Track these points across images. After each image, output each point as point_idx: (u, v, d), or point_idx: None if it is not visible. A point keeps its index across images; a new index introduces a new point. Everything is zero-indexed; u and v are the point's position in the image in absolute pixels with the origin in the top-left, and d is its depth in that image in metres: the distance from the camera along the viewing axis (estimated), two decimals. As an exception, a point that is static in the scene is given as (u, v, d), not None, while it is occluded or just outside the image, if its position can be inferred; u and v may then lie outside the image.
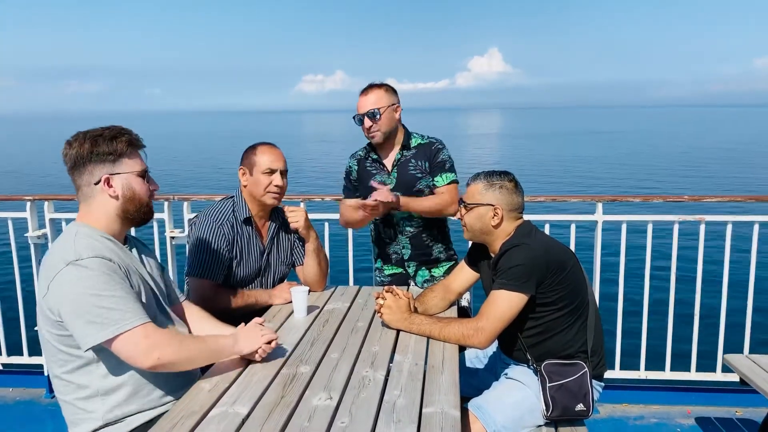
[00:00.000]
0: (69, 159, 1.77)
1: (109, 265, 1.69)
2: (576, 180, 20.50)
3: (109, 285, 1.65)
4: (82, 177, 1.78)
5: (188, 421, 1.54)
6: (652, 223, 3.45)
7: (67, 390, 1.74)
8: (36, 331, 3.72)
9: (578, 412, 2.11)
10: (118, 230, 1.83)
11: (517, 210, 2.22)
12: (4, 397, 3.66)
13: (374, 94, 2.78)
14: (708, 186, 18.42)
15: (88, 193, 1.79)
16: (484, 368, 2.51)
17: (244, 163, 2.53)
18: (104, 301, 1.63)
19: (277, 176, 2.50)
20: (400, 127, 2.88)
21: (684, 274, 3.50)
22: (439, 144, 2.88)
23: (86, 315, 1.62)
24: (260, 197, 2.51)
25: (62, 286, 1.64)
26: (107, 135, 1.78)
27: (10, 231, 3.70)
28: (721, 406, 3.42)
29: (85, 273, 1.64)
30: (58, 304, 1.64)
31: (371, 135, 2.82)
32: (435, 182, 2.83)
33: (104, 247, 1.75)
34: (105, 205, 1.79)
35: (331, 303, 2.57)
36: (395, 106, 2.81)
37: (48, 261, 1.72)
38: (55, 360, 1.74)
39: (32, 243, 3.62)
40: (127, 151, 1.79)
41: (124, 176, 1.80)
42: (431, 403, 1.65)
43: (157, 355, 1.66)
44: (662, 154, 30.59)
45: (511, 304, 2.07)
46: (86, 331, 1.63)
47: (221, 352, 1.84)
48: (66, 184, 1.88)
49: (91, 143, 1.75)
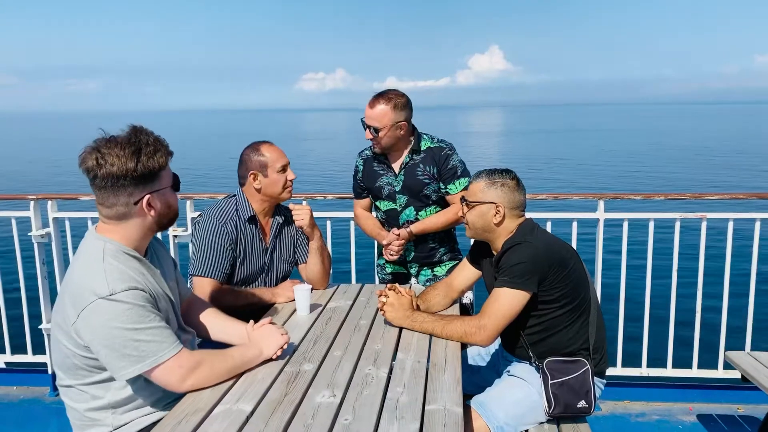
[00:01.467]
0: (103, 177, 1.61)
1: (141, 296, 1.63)
2: (578, 178, 20.48)
3: (144, 318, 1.61)
4: (119, 197, 1.65)
5: (193, 419, 1.55)
6: (654, 220, 3.45)
7: (79, 398, 1.71)
8: (40, 330, 3.74)
9: (580, 409, 2.12)
10: (145, 243, 1.78)
11: (519, 208, 2.23)
12: (8, 395, 3.68)
13: (379, 110, 2.69)
14: (709, 183, 18.40)
15: (124, 212, 1.67)
16: (487, 366, 2.52)
17: (251, 166, 2.50)
18: (140, 334, 1.59)
19: (289, 171, 2.54)
20: (405, 138, 2.79)
21: (685, 271, 3.51)
22: (449, 149, 2.81)
23: (122, 349, 1.58)
24: (278, 195, 2.54)
25: (94, 320, 1.57)
26: (149, 151, 1.64)
27: (14, 230, 3.72)
28: (722, 403, 3.43)
29: (119, 308, 1.58)
30: (90, 335, 1.58)
31: (372, 147, 2.82)
32: (448, 190, 2.80)
33: (133, 271, 1.67)
34: (141, 223, 1.71)
35: (333, 301, 2.58)
36: (400, 123, 2.71)
37: (75, 287, 1.62)
38: (71, 374, 1.69)
39: (36, 242, 3.64)
40: (165, 164, 1.70)
41: (162, 192, 1.72)
42: (434, 400, 1.66)
43: (191, 382, 1.68)
44: (663, 152, 30.55)
45: (513, 301, 2.08)
46: (121, 364, 1.60)
47: (249, 364, 1.84)
48: (68, 182, 1.84)
49: (135, 161, 1.62)
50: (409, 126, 2.78)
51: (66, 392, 1.74)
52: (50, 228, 3.66)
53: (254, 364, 1.86)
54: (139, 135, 1.66)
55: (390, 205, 2.86)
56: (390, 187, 2.84)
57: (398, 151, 2.83)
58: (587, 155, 29.88)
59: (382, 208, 2.90)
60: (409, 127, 2.78)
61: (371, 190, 2.91)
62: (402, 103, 2.71)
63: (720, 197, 3.69)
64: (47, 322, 3.71)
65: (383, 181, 2.86)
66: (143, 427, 1.74)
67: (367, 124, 2.73)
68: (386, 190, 2.86)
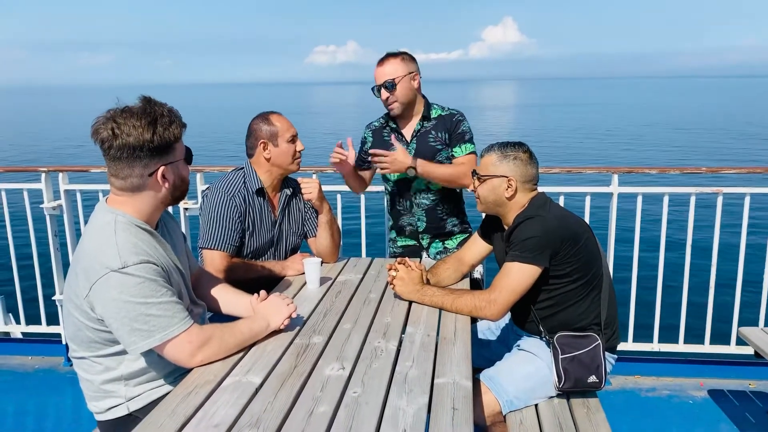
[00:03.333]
0: (119, 147, 1.58)
1: (154, 270, 1.62)
2: (591, 151, 20.28)
3: (155, 291, 1.60)
4: (133, 168, 1.62)
5: (202, 390, 1.56)
6: (669, 195, 3.40)
7: (92, 370, 1.72)
8: (53, 300, 3.79)
9: (590, 384, 2.11)
10: (156, 216, 1.76)
11: (532, 182, 2.19)
12: (23, 365, 3.74)
13: (390, 64, 2.71)
14: (726, 158, 18.16)
15: (138, 183, 1.65)
16: (497, 340, 2.52)
17: (261, 135, 2.48)
18: (151, 308, 1.59)
19: (298, 142, 2.53)
20: (419, 96, 2.80)
21: (700, 246, 3.47)
22: (460, 116, 2.82)
23: (133, 323, 1.58)
24: (287, 166, 2.52)
25: (107, 293, 1.56)
26: (165, 122, 1.62)
27: (26, 202, 3.74)
28: (734, 379, 3.42)
29: (131, 281, 1.56)
30: (103, 308, 1.58)
31: (389, 106, 2.77)
32: (453, 152, 2.79)
33: (145, 244, 1.66)
34: (154, 196, 1.69)
35: (343, 274, 2.58)
36: (413, 74, 2.73)
37: (87, 259, 1.61)
38: (84, 346, 1.69)
39: (48, 214, 3.66)
40: (180, 136, 1.68)
41: (175, 164, 1.70)
42: (443, 373, 1.66)
43: (200, 357, 1.68)
44: (679, 126, 30.12)
45: (525, 276, 2.06)
46: (133, 338, 1.60)
47: (257, 337, 1.84)
48: (78, 155, 1.83)
49: (152, 132, 1.59)
50: (420, 79, 2.78)
51: (79, 364, 1.75)
52: (62, 200, 3.68)
53: (262, 336, 1.86)
54: (153, 106, 1.63)
55: (401, 174, 2.84)
56: None
57: (409, 117, 2.82)
58: (601, 128, 29.53)
59: (392, 179, 2.87)
60: (420, 82, 2.78)
61: None
62: (409, 57, 2.75)
63: (737, 171, 3.62)
64: (60, 293, 3.75)
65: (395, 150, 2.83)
66: (155, 399, 1.74)
67: (380, 84, 2.71)
68: None
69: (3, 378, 3.60)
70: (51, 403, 3.34)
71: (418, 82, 2.77)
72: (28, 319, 3.90)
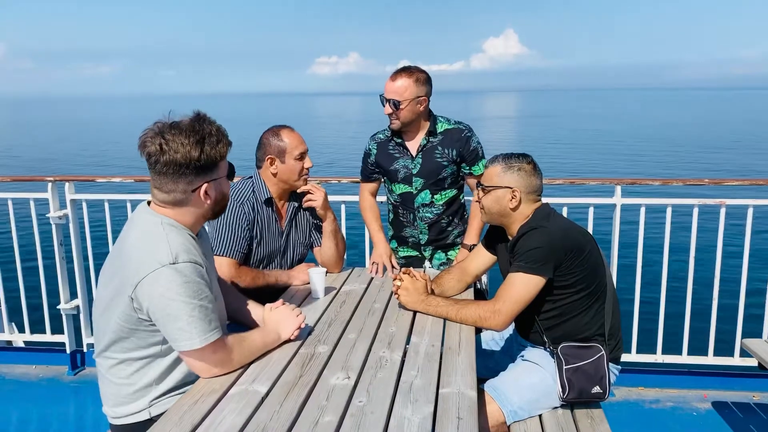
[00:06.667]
0: (165, 163, 1.61)
1: (200, 271, 1.64)
2: (594, 163, 20.29)
3: (198, 293, 1.62)
4: (178, 184, 1.66)
5: (209, 399, 1.57)
6: (672, 206, 3.41)
7: (123, 373, 1.72)
8: (58, 311, 3.79)
9: (594, 395, 2.11)
10: (198, 228, 1.79)
11: (536, 193, 2.21)
12: (27, 374, 3.74)
13: (401, 82, 2.67)
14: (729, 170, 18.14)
15: (180, 198, 1.68)
16: (501, 350, 2.52)
17: (269, 150, 2.50)
18: (194, 310, 1.60)
19: (307, 159, 2.54)
20: (423, 116, 2.77)
21: (703, 258, 3.47)
22: (468, 131, 2.80)
23: (177, 321, 1.59)
24: (294, 182, 2.53)
25: (155, 289, 1.58)
26: (212, 141, 1.65)
27: (32, 211, 3.76)
28: (737, 391, 3.41)
29: (181, 279, 1.59)
30: (150, 303, 1.59)
31: (390, 122, 2.79)
32: (472, 171, 2.79)
33: (192, 246, 1.68)
34: (196, 210, 1.72)
35: (348, 284, 2.59)
36: (420, 98, 2.69)
37: (133, 257, 1.62)
38: (120, 347, 1.69)
39: (54, 223, 3.68)
40: (225, 155, 1.71)
41: (218, 181, 1.73)
42: (448, 383, 1.66)
43: (217, 371, 1.70)
44: (682, 138, 30.13)
45: (529, 286, 2.07)
46: (176, 336, 1.61)
47: (269, 347, 1.86)
48: (84, 165, 1.85)
49: (199, 151, 1.62)
50: (428, 103, 2.76)
51: (109, 368, 1.74)
52: (68, 209, 3.70)
53: (273, 346, 1.88)
54: (202, 123, 1.66)
55: (405, 189, 2.85)
56: (406, 170, 2.83)
57: (414, 132, 2.81)
58: (604, 140, 29.55)
59: (397, 192, 2.88)
60: (427, 105, 2.77)
61: (387, 173, 2.89)
62: (423, 79, 2.71)
63: (740, 183, 3.63)
64: (65, 302, 3.76)
65: (399, 164, 2.84)
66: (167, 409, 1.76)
67: (387, 98, 2.71)
68: (402, 174, 2.84)
69: (7, 387, 3.60)
70: (55, 413, 3.33)
71: (425, 106, 2.74)
72: (31, 328, 3.91)
